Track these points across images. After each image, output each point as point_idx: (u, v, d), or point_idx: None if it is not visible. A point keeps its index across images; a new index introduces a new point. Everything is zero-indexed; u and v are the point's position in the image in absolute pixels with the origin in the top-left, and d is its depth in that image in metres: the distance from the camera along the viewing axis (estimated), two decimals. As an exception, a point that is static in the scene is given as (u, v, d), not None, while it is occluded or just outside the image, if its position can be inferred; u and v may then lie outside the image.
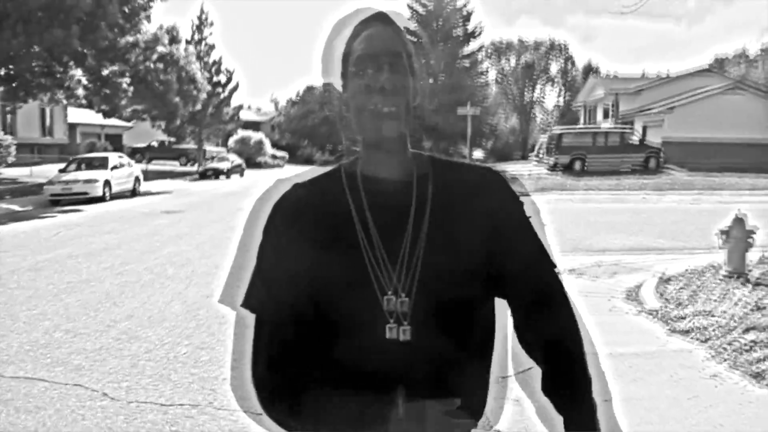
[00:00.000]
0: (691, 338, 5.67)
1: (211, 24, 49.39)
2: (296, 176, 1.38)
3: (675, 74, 46.89)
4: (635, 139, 34.62)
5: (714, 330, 5.70)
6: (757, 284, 7.16)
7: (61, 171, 22.48)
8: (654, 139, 35.94)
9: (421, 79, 1.35)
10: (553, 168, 33.03)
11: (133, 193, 23.73)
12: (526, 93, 70.51)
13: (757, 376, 4.66)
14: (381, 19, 1.32)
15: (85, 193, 20.75)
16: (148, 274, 8.80)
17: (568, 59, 72.17)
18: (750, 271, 7.63)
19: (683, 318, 6.16)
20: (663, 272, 8.16)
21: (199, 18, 47.23)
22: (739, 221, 7.69)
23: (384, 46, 1.28)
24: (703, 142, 34.63)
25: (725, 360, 5.06)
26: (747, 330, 5.57)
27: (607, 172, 30.83)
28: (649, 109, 39.33)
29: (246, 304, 1.29)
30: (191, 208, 18.31)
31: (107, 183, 21.68)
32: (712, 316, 6.10)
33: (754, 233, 7.67)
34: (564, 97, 70.29)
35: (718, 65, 62.67)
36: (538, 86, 71.45)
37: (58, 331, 6.01)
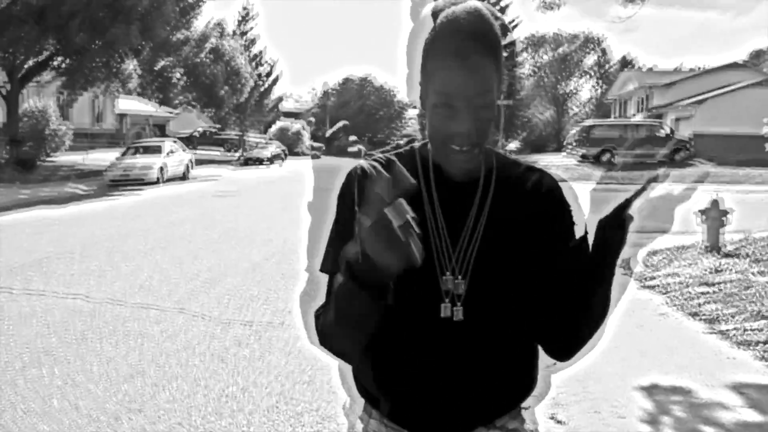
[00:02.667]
0: (656, 291, 7.09)
1: (256, 16, 51.10)
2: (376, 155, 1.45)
3: (708, 68, 47.34)
4: (663, 132, 35.38)
5: (675, 285, 7.11)
6: (726, 255, 8.52)
7: (120, 157, 24.42)
8: (684, 132, 36.72)
9: (509, 98, 1.80)
10: (583, 159, 34.08)
11: (184, 177, 25.58)
12: (560, 85, 71.03)
13: (695, 315, 6.08)
14: (475, 48, 1.24)
15: (142, 179, 22.64)
16: (215, 242, 10.49)
17: (604, 52, 72.47)
18: (724, 245, 8.97)
19: (654, 278, 7.58)
20: (653, 246, 9.52)
21: (244, 10, 49.10)
22: (715, 203, 9.01)
23: (475, 87, 1.25)
24: (733, 136, 35.22)
25: (675, 305, 6.48)
26: (700, 285, 6.98)
27: (635, 164, 31.78)
28: (679, 103, 40.03)
29: (323, 268, 1.38)
30: (240, 192, 20.06)
31: (162, 168, 23.54)
32: (678, 276, 7.50)
33: (729, 214, 9.00)
34: (599, 90, 70.66)
35: (755, 58, 62.56)
36: (573, 79, 71.91)
37: (154, 278, 7.68)
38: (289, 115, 57.91)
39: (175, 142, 27.19)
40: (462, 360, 1.33)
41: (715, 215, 8.99)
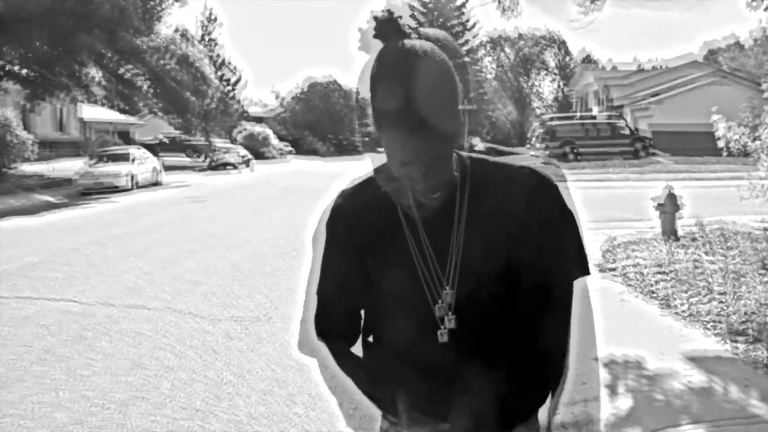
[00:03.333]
0: (616, 278, 7.58)
1: (215, 20, 51.11)
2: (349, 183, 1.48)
3: (664, 64, 48.71)
4: (625, 127, 36.31)
5: (633, 272, 7.61)
6: (680, 242, 9.08)
7: (90, 164, 24.41)
8: (642, 127, 37.76)
9: (459, 100, 1.31)
10: (549, 158, 34.84)
11: (156, 183, 25.64)
12: (523, 83, 72.16)
13: (651, 297, 6.58)
14: (412, 122, 1.22)
15: (114, 185, 22.67)
16: (193, 244, 10.77)
17: (565, 51, 73.79)
18: (678, 233, 9.54)
19: (614, 266, 8.08)
20: (614, 236, 10.06)
21: (206, 15, 49.09)
22: (671, 195, 9.59)
23: (421, 155, 1.26)
24: (690, 131, 36.29)
25: (634, 288, 6.98)
26: (656, 270, 7.49)
27: (596, 159, 32.59)
28: (638, 99, 41.13)
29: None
30: (212, 197, 20.25)
31: (132, 175, 23.61)
32: (636, 263, 8.02)
33: (682, 206, 9.58)
34: (561, 87, 71.94)
35: (712, 55, 64.39)
36: (535, 77, 73.10)
37: (140, 280, 7.96)
38: (255, 119, 57.93)
39: (139, 149, 27.25)
40: (466, 374, 1.36)
41: (669, 205, 9.57)
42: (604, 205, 14.94)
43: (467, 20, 56.39)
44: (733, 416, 3.85)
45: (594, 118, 38.13)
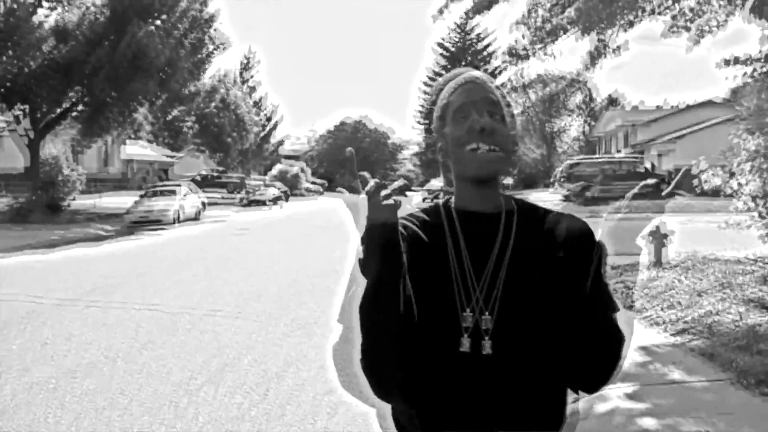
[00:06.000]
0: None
1: (257, 64, 53.52)
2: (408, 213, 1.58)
3: (686, 105, 50.01)
4: (642, 167, 37.53)
5: (620, 291, 9.07)
6: (665, 269, 10.51)
7: (138, 200, 26.43)
8: (667, 166, 38.98)
9: (513, 130, 1.55)
10: (567, 197, 36.22)
11: (196, 218, 27.52)
12: (549, 123, 73.61)
13: (630, 308, 8.05)
14: (476, 77, 1.54)
15: (160, 220, 24.56)
16: (245, 269, 12.45)
17: (590, 91, 75.32)
18: (667, 261, 10.98)
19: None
20: (612, 263, 11.50)
21: (246, 59, 51.69)
22: (658, 228, 11.05)
23: (482, 95, 1.50)
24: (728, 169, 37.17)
25: (625, 307, 8.42)
26: (643, 294, 8.95)
27: (615, 198, 33.80)
28: (658, 139, 42.43)
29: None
30: (252, 231, 22.04)
31: (179, 210, 25.53)
32: (626, 285, 9.47)
33: (668, 236, 11.03)
34: (587, 127, 73.24)
35: (734, 95, 65.36)
36: (561, 117, 74.54)
37: (209, 296, 9.62)
38: (288, 157, 60.29)
39: (189, 185, 29.20)
40: (490, 395, 1.42)
41: (658, 237, 11.03)
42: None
43: (496, 69, 58.17)
44: (658, 381, 5.32)
45: (613, 159, 39.41)
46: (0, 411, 4.94)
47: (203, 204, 28.46)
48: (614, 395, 4.90)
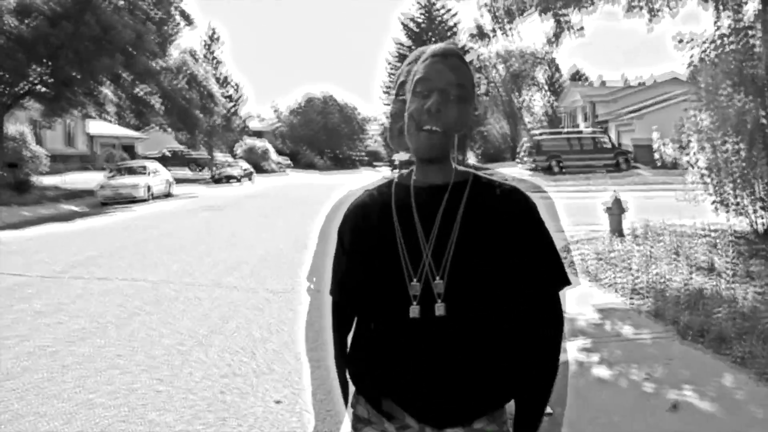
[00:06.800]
0: (569, 265, 9.60)
1: (219, 39, 53.21)
2: (361, 187, 1.72)
3: (646, 81, 51.10)
4: (607, 141, 38.45)
5: (581, 260, 9.65)
6: (623, 238, 11.14)
7: (108, 177, 26.43)
8: (626, 141, 39.97)
9: (474, 108, 1.60)
10: (534, 169, 37.01)
11: (168, 195, 27.65)
12: (514, 99, 74.46)
13: (586, 274, 8.62)
14: (450, 53, 1.56)
15: (132, 196, 24.67)
16: (220, 242, 12.79)
17: (555, 68, 76.22)
18: (624, 230, 11.61)
19: (565, 256, 10.12)
20: (572, 235, 12.11)
21: (209, 35, 51.30)
22: (617, 200, 11.67)
23: (443, 75, 1.52)
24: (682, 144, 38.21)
25: (579, 273, 9.01)
26: (599, 259, 9.54)
27: (581, 172, 34.73)
28: (620, 115, 43.41)
29: (330, 292, 1.72)
30: (225, 206, 22.29)
31: (149, 187, 25.63)
32: (581, 254, 10.06)
33: (626, 209, 11.66)
34: (550, 103, 74.23)
35: (692, 73, 66.65)
36: (526, 93, 75.42)
37: (188, 267, 9.97)
38: (254, 133, 60.08)
39: (154, 163, 29.24)
40: (444, 357, 1.50)
41: (616, 209, 11.64)
42: (575, 212, 17.03)
43: (464, 46, 58.49)
44: (610, 337, 5.88)
45: (580, 133, 40.23)
46: (6, 374, 5.30)
47: (169, 181, 28.48)
48: (572, 348, 5.44)
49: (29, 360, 5.65)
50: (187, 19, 30.45)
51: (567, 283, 1.63)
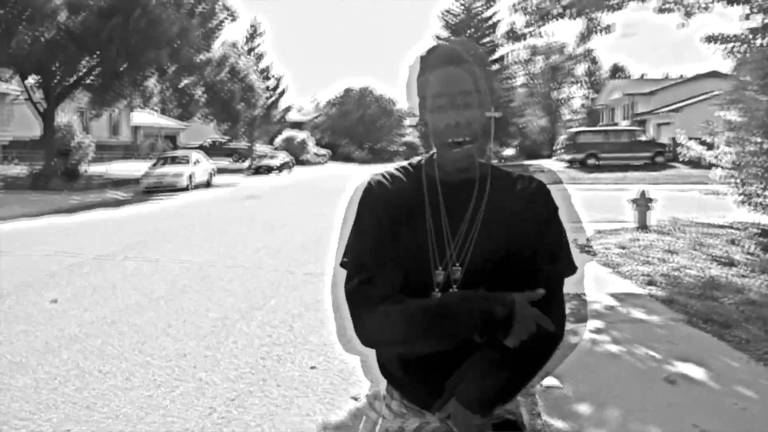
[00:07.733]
0: (591, 255, 9.99)
1: (262, 34, 54.05)
2: (385, 169, 1.76)
3: (687, 77, 50.46)
4: (644, 137, 38.26)
5: (606, 251, 10.01)
6: (648, 232, 11.45)
7: (152, 167, 27.40)
8: (665, 137, 39.73)
9: (488, 105, 1.64)
10: (570, 163, 37.09)
11: (208, 185, 28.52)
12: (553, 93, 74.13)
13: (606, 265, 8.99)
14: (455, 60, 1.61)
15: (174, 185, 25.57)
16: (262, 228, 13.43)
17: (594, 61, 75.65)
18: (650, 225, 11.91)
19: (591, 247, 10.49)
20: (599, 228, 12.44)
21: (252, 28, 52.24)
22: (642, 194, 11.97)
23: (458, 87, 1.59)
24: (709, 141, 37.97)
25: (603, 263, 9.38)
26: (621, 250, 9.89)
27: (617, 167, 34.70)
28: (659, 111, 43.10)
29: (342, 264, 1.66)
30: (264, 195, 23.01)
31: (191, 176, 26.51)
32: (605, 245, 10.41)
33: (652, 201, 11.95)
34: (590, 98, 73.73)
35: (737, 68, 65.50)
36: (565, 87, 75.02)
37: (232, 250, 10.60)
38: (294, 125, 60.97)
39: (199, 153, 30.12)
40: (461, 345, 1.54)
41: (642, 203, 11.95)
42: (606, 206, 17.30)
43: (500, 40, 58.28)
44: (622, 320, 6.30)
45: (615, 129, 40.04)
46: (72, 338, 5.95)
47: (211, 171, 29.36)
48: (584, 330, 5.87)
49: (91, 327, 6.30)
50: (231, 14, 31.32)
51: (573, 270, 1.69)
